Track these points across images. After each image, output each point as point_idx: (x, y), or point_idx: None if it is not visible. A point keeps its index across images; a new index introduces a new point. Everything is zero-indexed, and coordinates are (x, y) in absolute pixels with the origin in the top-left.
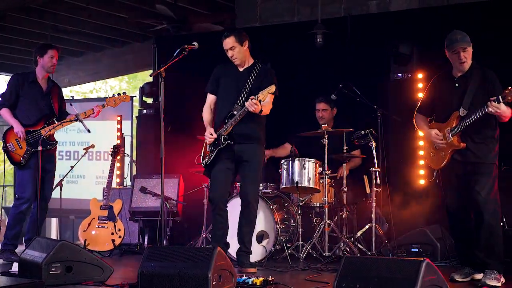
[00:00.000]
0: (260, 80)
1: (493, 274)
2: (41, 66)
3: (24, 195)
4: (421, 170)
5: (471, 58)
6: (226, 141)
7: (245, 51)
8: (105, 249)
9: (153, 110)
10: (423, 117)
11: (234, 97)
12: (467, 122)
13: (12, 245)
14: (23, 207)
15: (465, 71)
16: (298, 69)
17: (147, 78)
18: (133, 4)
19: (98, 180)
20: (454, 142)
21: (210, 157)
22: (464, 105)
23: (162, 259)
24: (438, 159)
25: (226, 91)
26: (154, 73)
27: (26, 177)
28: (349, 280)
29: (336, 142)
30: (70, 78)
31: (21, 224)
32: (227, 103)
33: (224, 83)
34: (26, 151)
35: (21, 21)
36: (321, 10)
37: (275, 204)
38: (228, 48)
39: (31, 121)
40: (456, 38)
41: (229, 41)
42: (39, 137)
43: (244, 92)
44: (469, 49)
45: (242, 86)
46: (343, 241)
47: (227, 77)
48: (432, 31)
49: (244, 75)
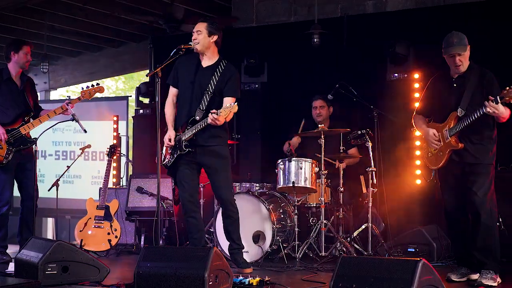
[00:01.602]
0: (224, 81)
1: (489, 274)
2: (15, 62)
3: (2, 198)
4: (417, 170)
5: (469, 58)
6: (188, 148)
7: (209, 43)
8: (102, 249)
9: (149, 110)
10: (422, 117)
11: (195, 97)
12: (465, 123)
13: (2, 247)
14: (3, 210)
15: (462, 72)
16: (295, 69)
17: (144, 78)
18: (130, 4)
19: (94, 180)
20: (452, 143)
21: (170, 160)
22: (462, 105)
23: (159, 259)
24: (436, 159)
25: (186, 87)
26: (150, 73)
27: (3, 178)
28: (346, 280)
29: (332, 142)
30: (66, 78)
31: (6, 226)
32: (188, 102)
33: (186, 78)
34: (7, 151)
35: (18, 20)
36: (318, 10)
37: (272, 204)
38: (195, 30)
39: (9, 119)
40: (453, 42)
41: (200, 25)
42: (19, 135)
43: (207, 94)
44: (466, 53)
45: (204, 86)
46: (339, 241)
47: (189, 71)
48: (428, 31)
49: (208, 73)
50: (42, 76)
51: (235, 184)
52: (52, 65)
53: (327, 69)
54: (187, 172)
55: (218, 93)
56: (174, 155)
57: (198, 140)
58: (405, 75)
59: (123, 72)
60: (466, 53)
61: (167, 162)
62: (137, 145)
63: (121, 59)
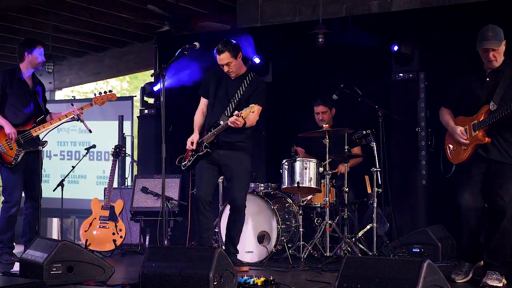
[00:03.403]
0: (251, 91)
1: (494, 275)
2: (29, 62)
3: (12, 198)
4: (422, 170)
5: (504, 54)
6: (206, 149)
7: (239, 63)
8: (106, 249)
9: (154, 110)
10: (449, 111)
11: (223, 106)
12: (496, 117)
13: (9, 248)
14: (12, 211)
15: (495, 67)
16: (300, 69)
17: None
18: (135, 4)
19: (99, 180)
20: (479, 136)
21: (189, 161)
22: (494, 99)
23: (163, 259)
24: (459, 153)
25: (216, 98)
26: (155, 73)
27: (13, 179)
28: (350, 280)
29: (337, 142)
30: (71, 78)
31: (14, 227)
32: (216, 111)
33: (215, 90)
34: (16, 152)
35: (22, 21)
36: (322, 10)
37: (276, 204)
38: (224, 64)
39: (20, 120)
40: (487, 36)
41: (224, 57)
42: (29, 137)
43: (233, 102)
44: (500, 48)
45: (231, 95)
46: (344, 241)
47: (218, 84)
48: (433, 31)
49: (235, 84)
50: (47, 76)
51: None
52: (57, 65)
53: (331, 69)
54: (206, 171)
55: (244, 102)
56: (193, 157)
57: (220, 141)
58: (410, 75)
59: (128, 72)
60: (500, 49)
61: (186, 163)
62: (142, 145)
63: (126, 59)
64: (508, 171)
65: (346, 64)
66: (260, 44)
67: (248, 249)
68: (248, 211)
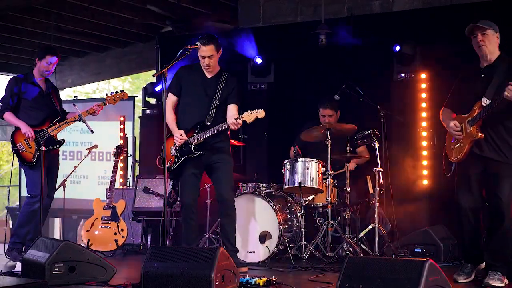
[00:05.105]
0: (229, 90)
1: (496, 275)
2: (38, 68)
3: (37, 193)
4: (424, 170)
5: (498, 49)
6: (198, 152)
7: (217, 59)
8: (108, 249)
9: (156, 110)
10: (449, 111)
11: (204, 106)
12: (487, 111)
13: (21, 244)
14: (36, 206)
15: (488, 58)
16: (301, 69)
17: (150, 78)
18: (136, 4)
19: (101, 180)
20: (472, 132)
21: (176, 163)
22: (487, 95)
23: (165, 259)
24: (457, 150)
25: (194, 97)
26: (157, 73)
27: (37, 175)
28: (352, 280)
29: (339, 142)
30: (73, 79)
31: (32, 223)
32: (197, 110)
33: (192, 89)
34: (36, 151)
35: (24, 21)
36: (324, 10)
37: (278, 204)
38: (207, 56)
39: (36, 122)
40: (476, 22)
41: (209, 49)
42: (47, 136)
43: (214, 102)
44: (490, 32)
45: (211, 95)
46: (346, 241)
47: (194, 83)
48: (435, 31)
49: (213, 83)
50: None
51: (242, 185)
52: (59, 66)
53: (333, 69)
54: (193, 177)
55: (223, 101)
56: (180, 159)
57: (208, 145)
58: (412, 75)
59: (130, 72)
60: (490, 34)
61: (171, 165)
62: (144, 146)
63: (127, 59)
64: (505, 170)
65: (347, 64)
66: (262, 44)
67: (250, 249)
68: (250, 211)
